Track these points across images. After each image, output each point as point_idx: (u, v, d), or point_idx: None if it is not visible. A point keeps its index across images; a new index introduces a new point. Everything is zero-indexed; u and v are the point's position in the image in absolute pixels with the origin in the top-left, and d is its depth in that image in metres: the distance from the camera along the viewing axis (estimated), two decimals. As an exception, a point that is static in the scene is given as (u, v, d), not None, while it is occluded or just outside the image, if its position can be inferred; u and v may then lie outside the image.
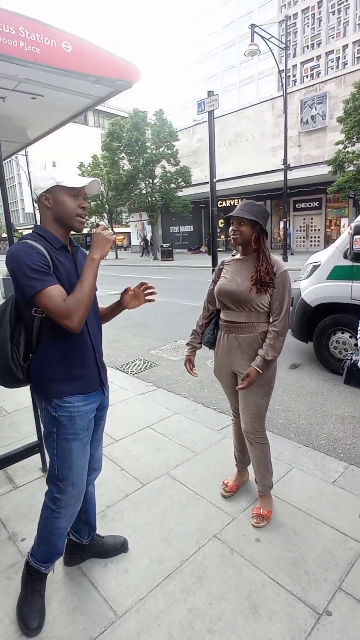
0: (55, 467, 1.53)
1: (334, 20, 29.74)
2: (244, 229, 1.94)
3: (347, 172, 15.44)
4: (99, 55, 2.34)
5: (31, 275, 1.32)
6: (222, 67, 38.91)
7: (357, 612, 1.54)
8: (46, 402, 1.49)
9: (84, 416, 1.53)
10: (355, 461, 2.66)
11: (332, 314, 4.11)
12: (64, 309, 1.34)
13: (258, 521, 2.07)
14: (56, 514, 1.57)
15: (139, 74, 2.52)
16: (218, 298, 2.07)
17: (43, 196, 1.44)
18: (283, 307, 1.93)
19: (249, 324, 1.98)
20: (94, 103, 3.04)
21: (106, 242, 1.44)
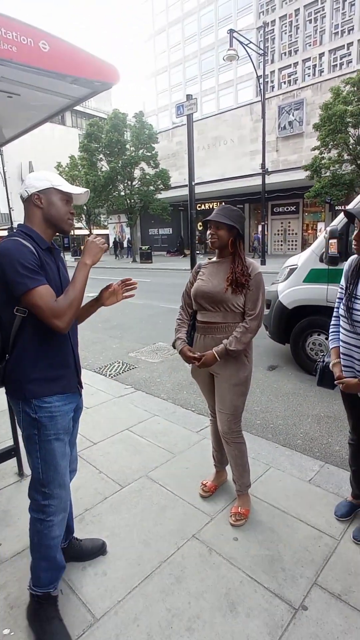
0: (40, 471, 1.49)
1: (311, 29, 30.51)
2: (221, 233, 1.98)
3: (323, 177, 15.85)
4: (77, 55, 2.32)
5: (23, 273, 1.31)
6: (201, 71, 39.23)
7: (331, 606, 1.58)
8: (24, 404, 1.46)
9: (65, 416, 1.52)
10: (330, 460, 2.73)
11: (309, 316, 4.21)
12: (55, 308, 1.34)
13: (236, 519, 2.09)
14: (48, 523, 1.52)
15: (118, 76, 2.52)
16: (195, 299, 2.10)
17: (35, 195, 1.44)
18: (257, 307, 1.97)
19: (224, 324, 2.01)
20: (72, 103, 3.02)
21: (98, 250, 1.49)
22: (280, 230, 24.99)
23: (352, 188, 15.53)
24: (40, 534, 1.52)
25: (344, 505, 2.11)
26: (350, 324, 1.82)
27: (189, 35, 39.98)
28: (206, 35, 38.34)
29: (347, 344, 1.88)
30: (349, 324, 1.82)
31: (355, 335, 1.81)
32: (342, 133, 14.45)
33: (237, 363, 2.03)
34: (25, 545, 1.99)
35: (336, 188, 15.41)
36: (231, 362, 2.02)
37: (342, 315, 1.86)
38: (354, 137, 14.58)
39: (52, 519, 1.52)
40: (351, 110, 14.00)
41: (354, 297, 1.79)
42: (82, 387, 1.67)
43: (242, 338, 1.95)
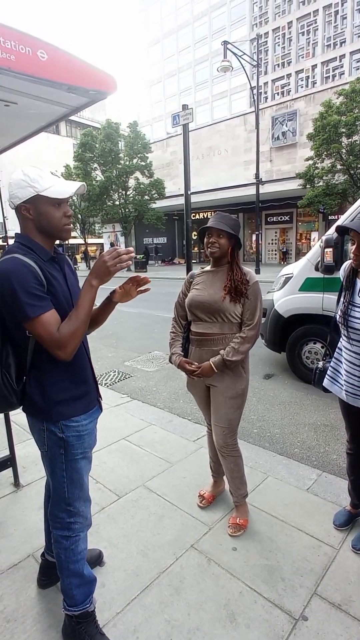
0: (65, 490, 1.44)
1: (304, 41, 31.14)
2: (222, 241, 1.94)
3: (316, 187, 16.09)
4: (75, 64, 2.36)
5: (25, 300, 1.21)
6: (195, 82, 39.79)
7: (332, 616, 1.58)
8: (50, 424, 1.39)
9: (91, 434, 1.48)
10: (328, 468, 2.73)
11: (304, 324, 4.24)
12: (57, 339, 1.25)
13: (234, 531, 2.08)
14: (74, 540, 1.48)
15: (116, 85, 2.55)
16: (190, 310, 2.05)
17: (22, 207, 1.31)
18: (255, 316, 1.95)
19: (221, 335, 1.97)
20: (69, 112, 3.05)
21: (107, 273, 1.31)
22: (274, 240, 25.25)
23: (345, 197, 15.77)
24: (67, 550, 1.47)
25: (343, 515, 2.11)
26: (345, 330, 1.83)
27: (183, 47, 40.60)
28: (200, 46, 38.97)
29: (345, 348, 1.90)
30: (345, 329, 1.83)
31: (348, 341, 1.83)
32: (335, 143, 14.70)
33: (234, 375, 2.01)
34: (21, 556, 1.97)
35: (329, 197, 15.64)
36: (228, 374, 1.99)
37: (339, 322, 1.88)
38: (347, 147, 14.84)
39: (79, 535, 1.50)
40: (345, 120, 14.26)
41: (352, 304, 1.81)
42: (102, 398, 1.62)
43: (240, 348, 1.92)
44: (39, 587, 1.79)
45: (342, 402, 2.01)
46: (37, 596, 1.76)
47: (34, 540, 2.07)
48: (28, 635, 1.57)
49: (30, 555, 1.98)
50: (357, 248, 1.73)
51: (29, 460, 2.84)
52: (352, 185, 15.29)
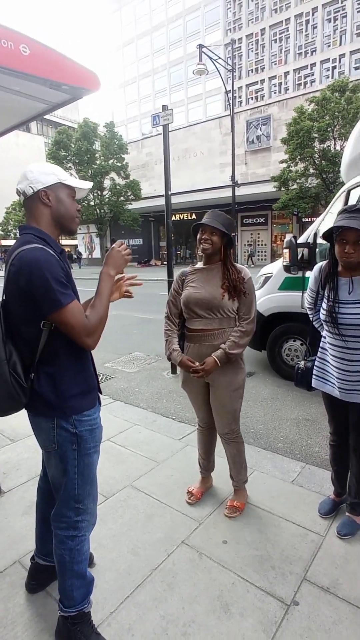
0: (76, 487, 1.42)
1: (276, 48, 31.88)
2: (215, 238, 1.98)
3: (291, 190, 16.51)
4: (58, 60, 2.34)
5: (57, 288, 1.20)
6: (170, 84, 39.94)
7: (321, 599, 1.64)
8: (62, 420, 1.37)
9: (101, 427, 1.49)
10: (311, 461, 2.81)
11: (284, 323, 4.34)
12: (87, 326, 1.26)
13: (231, 512, 2.15)
14: (80, 539, 1.46)
15: (99, 83, 2.55)
16: (187, 307, 2.07)
17: (43, 192, 1.31)
18: (251, 310, 2.02)
19: (220, 330, 2.02)
20: (49, 109, 3.02)
21: (123, 261, 1.42)
22: (249, 241, 25.66)
23: (318, 201, 16.25)
24: (72, 551, 1.45)
25: (327, 503, 2.18)
26: (335, 328, 1.88)
27: (158, 48, 40.68)
28: (175, 48, 39.16)
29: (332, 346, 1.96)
30: (335, 327, 1.89)
31: (340, 338, 1.89)
32: (308, 147, 15.14)
33: (235, 368, 2.07)
34: (7, 563, 1.92)
35: (303, 201, 16.08)
36: (229, 369, 2.04)
37: (325, 321, 1.93)
38: (320, 152, 15.32)
39: (85, 534, 1.48)
40: (317, 126, 14.72)
41: (338, 302, 1.87)
42: (102, 393, 1.62)
43: (240, 342, 1.98)
44: (28, 592, 1.75)
45: (327, 397, 2.07)
46: (25, 602, 1.72)
47: (19, 546, 2.03)
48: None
49: (17, 562, 1.93)
50: (351, 246, 1.77)
51: (9, 465, 2.77)
52: (324, 189, 15.78)
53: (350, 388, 1.90)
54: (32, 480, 2.56)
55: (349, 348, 1.87)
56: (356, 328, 1.81)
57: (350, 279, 1.86)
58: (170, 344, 2.14)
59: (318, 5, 29.08)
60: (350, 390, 1.90)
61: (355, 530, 2.00)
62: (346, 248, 1.78)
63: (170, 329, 2.18)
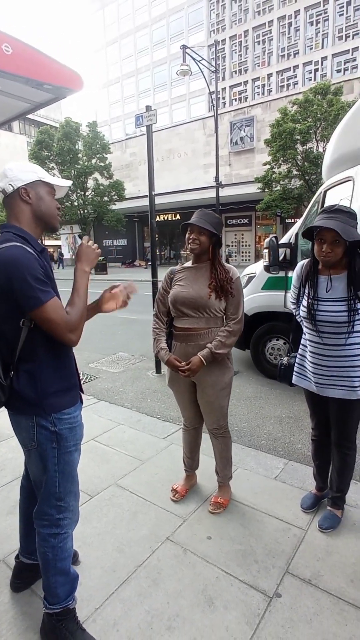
0: (57, 485, 1.43)
1: (259, 50, 32.17)
2: (203, 238, 1.99)
3: (274, 191, 16.71)
4: (41, 60, 2.33)
5: (36, 286, 1.21)
6: (154, 84, 39.86)
7: (303, 591, 1.68)
8: (40, 418, 1.37)
9: (81, 426, 1.49)
10: (293, 457, 2.87)
11: (268, 322, 4.40)
12: (69, 322, 1.27)
13: (215, 508, 2.18)
14: (63, 536, 1.47)
15: (82, 83, 2.55)
16: (174, 305, 2.07)
17: (23, 189, 1.32)
18: (239, 310, 2.04)
19: (207, 329, 2.04)
20: (32, 108, 3.00)
21: (95, 255, 1.44)
22: (234, 242, 25.85)
23: (301, 202, 16.50)
24: (55, 549, 1.45)
25: (309, 498, 2.24)
26: (313, 324, 1.93)
27: (142, 48, 40.54)
28: (158, 49, 39.09)
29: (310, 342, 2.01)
30: (313, 324, 1.94)
31: (317, 334, 1.94)
32: (291, 149, 15.36)
33: (221, 367, 2.09)
34: (-9, 564, 1.90)
35: (286, 202, 16.30)
36: (215, 368, 2.06)
37: (304, 317, 1.98)
38: (302, 154, 15.56)
39: (67, 532, 1.48)
40: (299, 128, 14.95)
41: (317, 299, 1.92)
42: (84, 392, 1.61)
43: (226, 341, 2.00)
44: (12, 591, 1.75)
45: (308, 393, 2.13)
46: (10, 600, 1.71)
47: (3, 546, 2.02)
48: (4, 639, 1.53)
49: (1, 561, 1.92)
50: (328, 246, 1.83)
51: (-9, 466, 2.74)
52: (307, 190, 16.04)
53: (325, 382, 1.96)
54: (16, 480, 2.54)
55: (325, 344, 1.92)
56: (332, 325, 1.87)
57: (329, 277, 1.91)
58: (158, 342, 2.15)
59: (300, 8, 29.49)
60: (325, 385, 1.96)
61: (336, 523, 2.05)
62: (324, 247, 1.83)
63: (159, 327, 2.19)
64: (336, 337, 1.88)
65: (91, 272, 1.47)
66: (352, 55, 28.01)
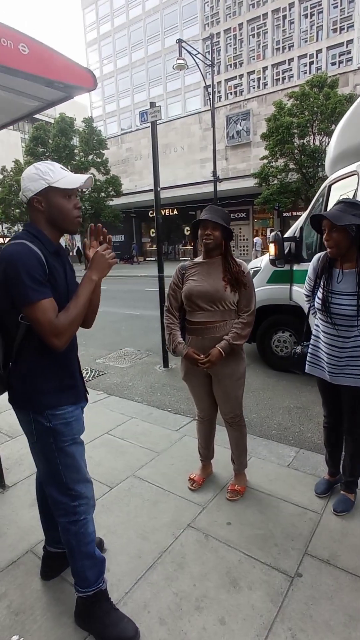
0: (63, 476, 1.45)
1: (254, 43, 32.01)
2: (217, 233, 2.05)
3: (271, 185, 16.71)
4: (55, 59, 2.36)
5: (28, 284, 1.23)
6: (148, 79, 39.59)
7: (323, 570, 1.77)
8: (35, 414, 1.40)
9: (79, 419, 1.50)
10: (304, 445, 2.95)
11: (273, 314, 4.47)
12: (55, 326, 1.27)
13: (232, 496, 2.26)
14: (82, 522, 1.50)
15: (95, 82, 2.58)
16: (190, 300, 2.13)
17: (34, 199, 1.34)
18: (251, 303, 2.12)
19: (222, 322, 2.11)
20: (43, 107, 3.02)
21: (107, 265, 1.41)
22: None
23: (299, 195, 16.52)
24: (77, 535, 1.49)
25: (323, 483, 2.32)
26: (328, 317, 2.00)
27: (135, 42, 40.21)
28: (153, 42, 38.78)
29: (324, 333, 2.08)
30: (328, 316, 2.00)
31: (332, 327, 2.01)
32: (289, 143, 15.34)
33: (236, 358, 2.16)
34: (19, 553, 1.98)
35: (284, 195, 16.31)
36: (231, 360, 2.13)
37: (319, 309, 2.05)
38: (299, 148, 15.55)
39: (86, 517, 1.51)
40: (297, 122, 14.92)
41: (331, 292, 1.99)
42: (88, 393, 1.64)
43: (242, 333, 2.09)
44: (42, 579, 1.82)
45: (321, 382, 2.20)
46: (42, 588, 1.78)
47: (30, 536, 2.08)
48: (39, 624, 1.60)
49: (29, 551, 1.99)
50: (327, 234, 1.91)
51: (10, 461, 2.81)
52: (304, 183, 16.05)
53: (338, 372, 2.03)
54: (35, 474, 2.60)
55: (340, 336, 1.99)
56: (347, 318, 1.93)
57: (341, 270, 1.97)
58: (174, 337, 2.20)
59: (295, 1, 29.35)
60: (338, 374, 2.04)
61: (350, 507, 2.13)
62: (324, 236, 1.93)
63: (172, 322, 2.24)
64: (349, 330, 1.95)
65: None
66: (346, 47, 27.96)
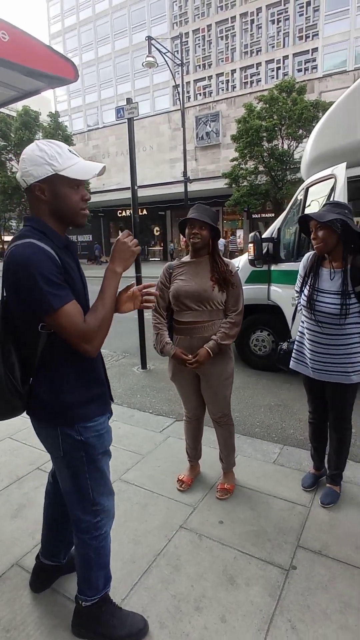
0: (90, 491, 1.37)
1: (223, 45, 32.37)
2: (204, 232, 2.05)
3: (241, 187, 16.97)
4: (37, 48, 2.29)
5: (47, 289, 1.08)
6: (115, 75, 39.07)
7: (316, 561, 1.82)
8: (66, 428, 1.29)
9: (110, 431, 1.42)
10: (288, 442, 3.02)
11: (252, 314, 4.54)
12: (85, 331, 1.14)
13: (222, 494, 2.28)
14: (103, 536, 1.44)
15: (76, 73, 2.52)
16: (178, 299, 2.12)
17: (36, 186, 1.16)
18: (239, 302, 2.13)
19: (211, 322, 2.11)
20: (18, 96, 2.91)
21: (131, 254, 1.27)
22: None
23: (268, 197, 16.90)
24: (97, 549, 1.44)
25: (309, 478, 2.39)
26: (312, 314, 2.06)
27: (102, 37, 39.55)
28: (119, 38, 38.30)
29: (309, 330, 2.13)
30: (312, 314, 2.06)
31: (316, 324, 2.07)
32: (258, 146, 15.63)
33: (224, 358, 2.18)
34: (4, 567, 1.89)
35: (253, 197, 16.62)
36: (219, 359, 2.14)
37: (304, 306, 2.11)
38: (268, 151, 15.88)
39: (106, 531, 1.46)
40: (266, 126, 15.22)
41: (318, 290, 2.04)
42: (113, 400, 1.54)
43: (230, 332, 2.09)
44: (33, 592, 1.74)
45: (306, 378, 2.26)
46: (32, 602, 1.71)
47: (14, 549, 2.00)
48: (34, 639, 1.53)
49: (15, 564, 1.91)
50: (313, 233, 1.98)
51: (-12, 470, 2.68)
52: (273, 186, 16.42)
53: (321, 368, 2.11)
54: (14, 483, 2.51)
55: (324, 334, 2.06)
56: (330, 316, 2.00)
57: (331, 269, 2.04)
58: (162, 337, 2.19)
59: (262, 6, 29.95)
60: (321, 370, 2.11)
61: (336, 498, 2.21)
62: (312, 235, 2.01)
63: (160, 322, 2.23)
64: (332, 327, 2.02)
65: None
66: (312, 55, 28.89)
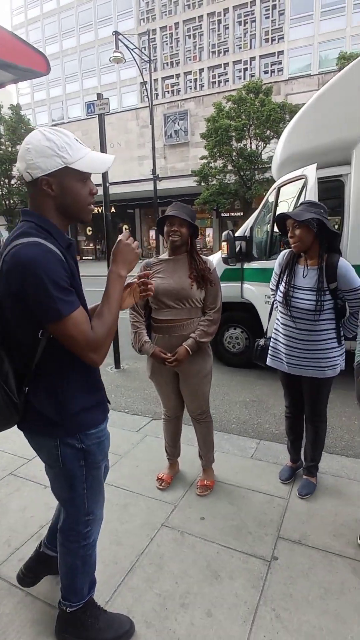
0: (85, 501, 1.33)
1: (190, 44, 32.40)
2: (184, 230, 2.05)
3: (211, 185, 17.11)
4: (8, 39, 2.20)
5: (56, 295, 1.01)
6: (81, 69, 38.21)
7: (296, 551, 1.88)
8: (66, 437, 1.23)
9: (109, 436, 1.38)
10: (264, 437, 3.09)
11: (225, 312, 4.57)
12: (93, 340, 1.08)
13: (202, 491, 2.30)
14: (91, 545, 1.43)
15: (49, 67, 2.45)
16: (156, 297, 2.10)
17: (43, 180, 1.08)
18: (217, 300, 2.15)
19: (189, 320, 2.12)
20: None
21: (135, 256, 1.21)
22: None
23: (237, 196, 17.14)
24: (84, 558, 1.42)
25: (286, 470, 2.46)
26: (288, 310, 2.11)
27: (67, 30, 38.56)
28: (85, 32, 37.49)
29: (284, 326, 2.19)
30: (287, 310, 2.12)
31: (291, 320, 2.13)
32: (227, 145, 15.81)
33: (203, 356, 2.19)
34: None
35: (222, 196, 16.81)
36: (198, 357, 2.15)
37: (280, 302, 2.16)
38: (237, 150, 16.10)
39: (94, 539, 1.44)
40: (235, 125, 15.41)
41: (293, 287, 2.10)
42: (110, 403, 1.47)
43: (208, 330, 2.10)
44: (20, 585, 1.69)
45: (282, 374, 2.32)
46: (12, 611, 1.65)
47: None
48: (17, 648, 1.49)
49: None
50: (290, 231, 2.04)
51: None
52: (242, 185, 16.67)
53: (296, 363, 2.18)
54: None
55: (297, 329, 2.12)
56: (305, 312, 2.07)
57: (305, 267, 2.10)
58: (140, 335, 2.17)
59: (229, 7, 30.23)
60: (296, 365, 2.18)
61: (313, 489, 2.29)
62: (289, 233, 2.07)
63: (138, 320, 2.21)
64: (307, 323, 2.09)
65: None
66: (278, 58, 29.50)
